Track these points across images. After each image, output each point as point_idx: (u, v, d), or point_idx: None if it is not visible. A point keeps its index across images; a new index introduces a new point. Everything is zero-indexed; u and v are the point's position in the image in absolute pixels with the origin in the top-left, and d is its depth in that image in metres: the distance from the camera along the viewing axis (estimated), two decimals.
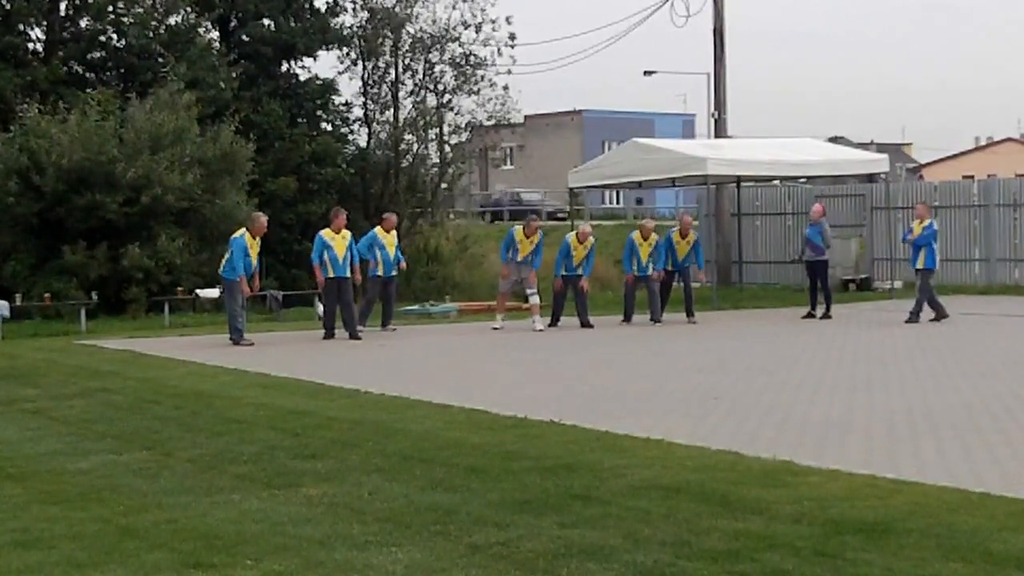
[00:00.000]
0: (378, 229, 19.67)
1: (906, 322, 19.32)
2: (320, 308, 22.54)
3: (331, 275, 18.41)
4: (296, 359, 15.87)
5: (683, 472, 7.75)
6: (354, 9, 34.38)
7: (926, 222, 19.94)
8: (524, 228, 19.87)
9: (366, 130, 35.13)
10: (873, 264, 28.57)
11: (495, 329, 19.47)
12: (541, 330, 19.17)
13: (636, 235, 20.76)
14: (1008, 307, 22.37)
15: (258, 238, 18.13)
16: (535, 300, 19.74)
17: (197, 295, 23.67)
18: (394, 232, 19.76)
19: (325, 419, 10.30)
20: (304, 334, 19.10)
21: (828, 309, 20.91)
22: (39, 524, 6.78)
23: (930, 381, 12.31)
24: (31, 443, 9.60)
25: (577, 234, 20.24)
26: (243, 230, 18.20)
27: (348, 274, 18.48)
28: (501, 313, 20.08)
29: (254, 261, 18.07)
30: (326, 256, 18.42)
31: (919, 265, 19.78)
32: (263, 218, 18.53)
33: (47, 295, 22.87)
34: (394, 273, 19.53)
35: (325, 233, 18.55)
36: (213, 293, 23.47)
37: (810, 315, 21.00)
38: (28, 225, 24.79)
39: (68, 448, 9.28)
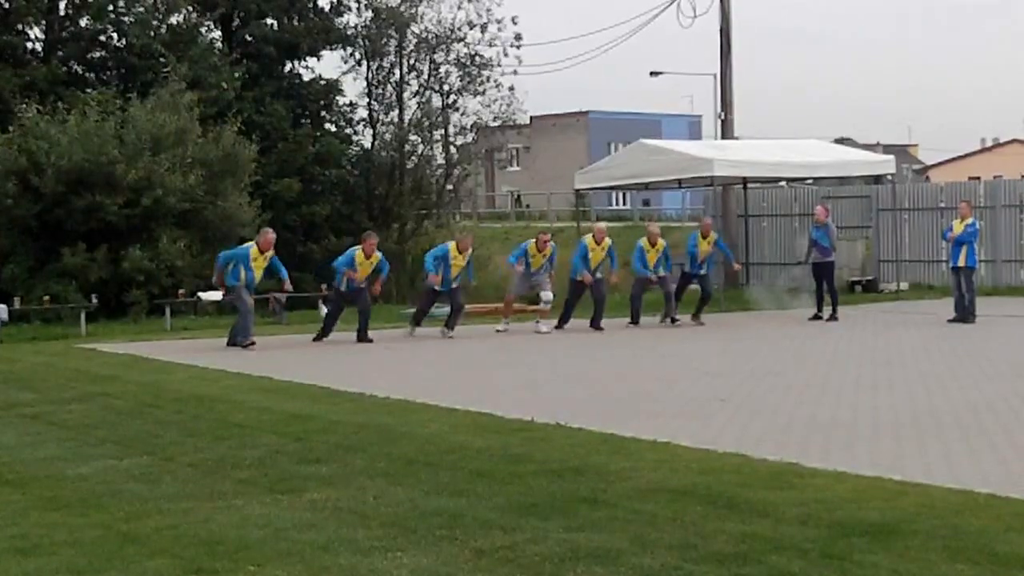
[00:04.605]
0: (452, 246, 19.19)
1: (964, 323, 19.30)
2: (324, 310, 22.50)
3: (344, 288, 18.41)
4: (299, 362, 15.83)
5: (690, 475, 7.70)
6: (358, 9, 34.43)
7: (968, 220, 19.93)
8: (536, 243, 19.75)
9: (370, 131, 35.17)
10: (879, 266, 28.49)
11: (499, 331, 19.40)
12: (547, 332, 19.11)
13: (644, 242, 20.65)
14: (1014, 308, 22.31)
15: (266, 253, 17.75)
16: (549, 301, 19.61)
17: (199, 298, 23.53)
18: (467, 253, 19.15)
19: (329, 423, 10.24)
20: (307, 337, 19.02)
21: (834, 311, 20.84)
22: (39, 530, 6.72)
23: (936, 383, 12.25)
24: (30, 448, 9.53)
25: (594, 235, 20.14)
26: (252, 243, 18.01)
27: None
28: (507, 317, 19.99)
29: (258, 275, 17.80)
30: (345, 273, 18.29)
31: (960, 263, 19.75)
32: (270, 234, 18.09)
33: (46, 298, 22.69)
34: (455, 286, 19.10)
35: (357, 256, 18.26)
36: (215, 296, 23.36)
37: (817, 317, 20.94)
38: (27, 227, 24.73)
39: (68, 453, 9.21)
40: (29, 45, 30.55)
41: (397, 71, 34.57)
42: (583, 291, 20.04)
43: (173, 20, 31.06)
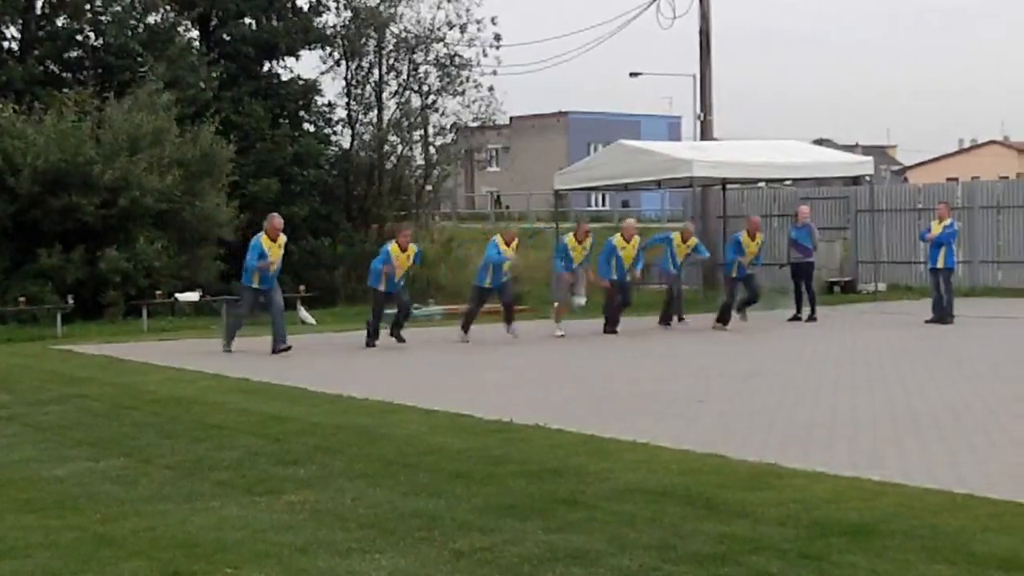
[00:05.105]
0: (498, 237, 18.70)
1: (942, 323, 19.38)
2: (307, 315, 22.42)
3: (383, 288, 17.85)
4: (277, 364, 15.77)
5: (668, 475, 7.70)
6: (337, 8, 34.31)
7: (946, 221, 20.03)
8: (575, 234, 19.34)
9: (349, 131, 35.05)
10: (858, 266, 28.58)
11: (560, 336, 18.67)
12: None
13: (676, 236, 20.57)
14: (991, 309, 22.43)
15: (278, 240, 17.19)
16: (581, 304, 19.72)
17: (176, 299, 23.42)
18: (513, 244, 18.61)
19: (307, 424, 10.20)
20: (295, 338, 18.88)
21: (813, 311, 20.89)
22: (14, 533, 6.66)
23: (914, 383, 12.29)
24: (5, 450, 9.46)
25: (622, 233, 19.79)
26: (262, 232, 17.46)
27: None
28: (559, 320, 19.29)
29: (275, 263, 17.11)
30: (384, 270, 17.78)
31: (939, 264, 19.86)
32: (276, 219, 17.46)
33: (22, 299, 22.45)
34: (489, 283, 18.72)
35: (392, 249, 17.80)
36: (192, 296, 23.29)
37: (796, 318, 20.99)
38: (2, 228, 24.52)
39: (44, 455, 9.15)
40: (5, 44, 30.37)
41: (376, 71, 34.49)
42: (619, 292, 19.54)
43: (151, 20, 30.88)
